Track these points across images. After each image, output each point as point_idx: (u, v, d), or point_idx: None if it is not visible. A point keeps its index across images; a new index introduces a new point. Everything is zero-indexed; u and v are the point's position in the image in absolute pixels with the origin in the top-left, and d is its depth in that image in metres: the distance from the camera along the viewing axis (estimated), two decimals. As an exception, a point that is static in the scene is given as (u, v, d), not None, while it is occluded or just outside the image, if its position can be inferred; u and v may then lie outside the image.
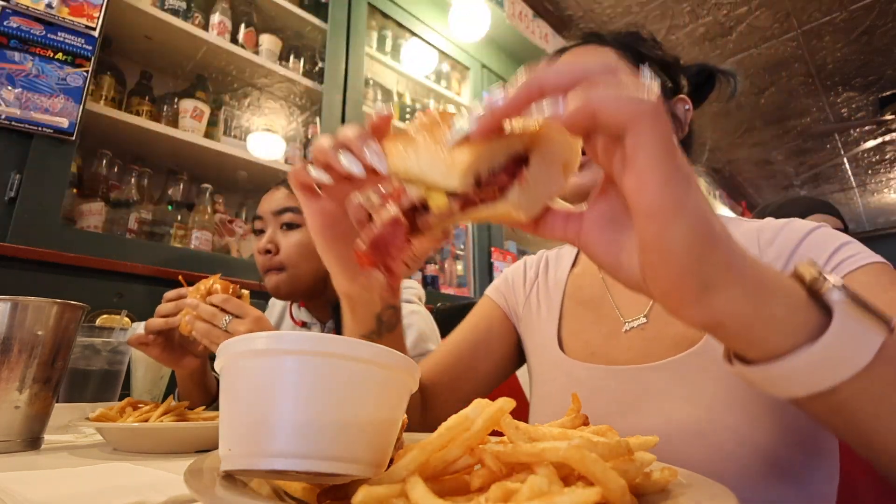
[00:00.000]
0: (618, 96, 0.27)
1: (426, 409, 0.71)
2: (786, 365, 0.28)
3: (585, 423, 0.37)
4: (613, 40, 0.71)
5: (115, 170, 1.78)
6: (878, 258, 0.52)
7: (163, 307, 0.86)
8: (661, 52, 0.73)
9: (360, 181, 0.38)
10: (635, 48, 0.71)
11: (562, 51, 0.76)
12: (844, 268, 0.51)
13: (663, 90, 0.71)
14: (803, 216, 1.69)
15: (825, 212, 1.74)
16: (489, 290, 0.85)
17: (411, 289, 1.24)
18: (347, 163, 0.37)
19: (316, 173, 0.41)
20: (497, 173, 0.32)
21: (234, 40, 1.98)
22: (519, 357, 0.81)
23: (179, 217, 1.86)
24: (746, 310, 0.27)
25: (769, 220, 0.64)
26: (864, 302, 0.28)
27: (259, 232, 1.18)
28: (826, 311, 0.28)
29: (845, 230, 1.69)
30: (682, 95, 0.73)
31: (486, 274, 2.66)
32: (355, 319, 0.53)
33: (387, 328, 0.54)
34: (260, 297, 1.75)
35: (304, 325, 1.27)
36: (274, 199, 1.16)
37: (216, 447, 0.30)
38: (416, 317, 1.15)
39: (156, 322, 0.84)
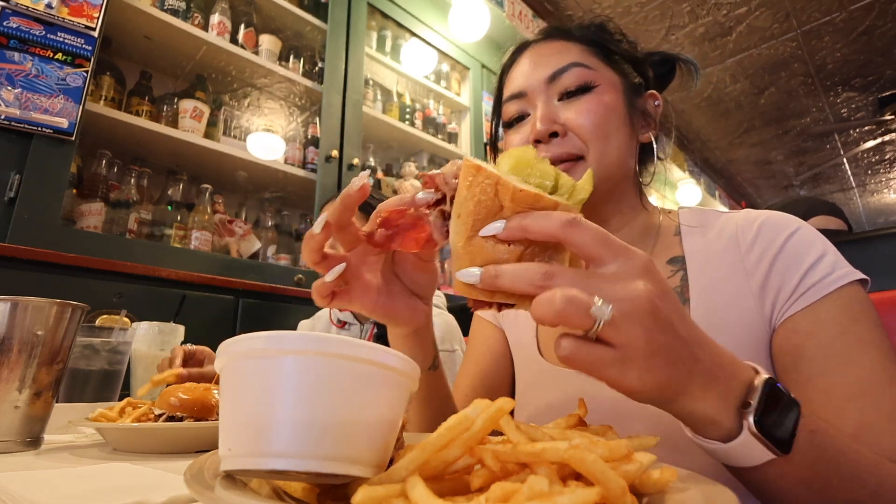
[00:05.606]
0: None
1: None
2: (706, 445, 0.36)
3: (581, 423, 0.37)
4: (580, 35, 0.69)
5: (115, 170, 1.78)
6: (851, 276, 0.52)
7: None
8: (628, 45, 0.71)
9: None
10: (602, 43, 0.69)
11: (525, 45, 0.72)
12: (812, 295, 0.53)
13: (631, 87, 0.69)
14: (805, 218, 1.68)
15: (826, 213, 1.73)
16: (480, 313, 0.84)
17: (435, 296, 1.38)
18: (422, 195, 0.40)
19: (331, 277, 0.44)
20: None
21: (233, 40, 1.98)
22: None
23: (179, 217, 1.86)
24: (691, 408, 0.34)
25: (747, 214, 0.63)
26: (766, 434, 0.34)
27: None
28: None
29: (849, 231, 1.69)
30: (651, 91, 0.71)
31: (485, 274, 2.66)
32: (424, 351, 0.58)
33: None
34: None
35: (343, 325, 1.39)
36: None
37: (216, 447, 0.30)
38: (438, 318, 1.28)
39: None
